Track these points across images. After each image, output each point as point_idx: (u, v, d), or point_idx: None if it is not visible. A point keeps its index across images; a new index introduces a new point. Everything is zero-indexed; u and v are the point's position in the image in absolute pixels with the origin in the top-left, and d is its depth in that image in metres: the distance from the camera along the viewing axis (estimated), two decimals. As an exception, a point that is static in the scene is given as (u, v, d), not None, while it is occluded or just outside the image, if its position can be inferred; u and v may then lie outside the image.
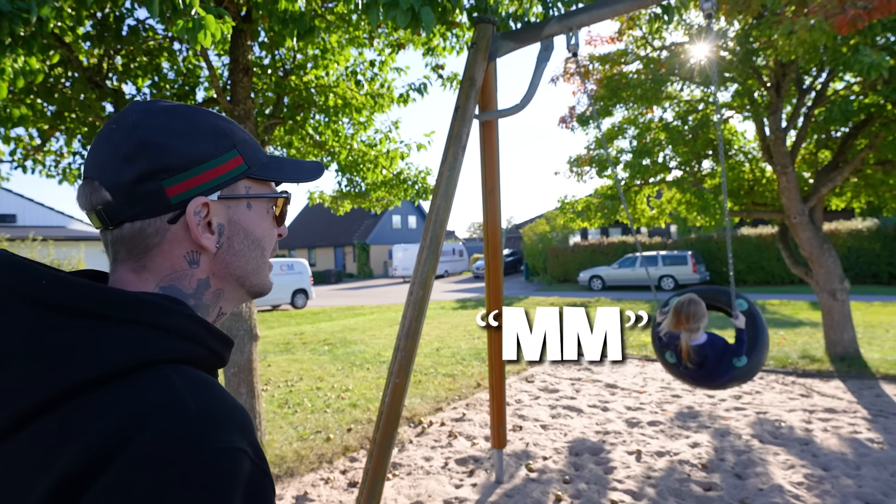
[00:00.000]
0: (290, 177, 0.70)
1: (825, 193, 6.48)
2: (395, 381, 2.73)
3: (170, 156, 0.59)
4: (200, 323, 0.58)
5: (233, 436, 0.49)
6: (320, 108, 4.58)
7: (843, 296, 6.39)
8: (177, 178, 0.59)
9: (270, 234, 0.69)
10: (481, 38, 3.28)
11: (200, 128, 0.62)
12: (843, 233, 16.39)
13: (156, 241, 0.60)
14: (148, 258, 0.60)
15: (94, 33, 3.68)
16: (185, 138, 0.60)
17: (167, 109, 0.61)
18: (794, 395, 5.44)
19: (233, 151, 0.63)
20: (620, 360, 3.06)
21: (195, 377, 0.53)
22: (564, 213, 8.05)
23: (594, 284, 19.21)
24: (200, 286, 0.63)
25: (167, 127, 0.60)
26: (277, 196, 0.69)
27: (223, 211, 0.63)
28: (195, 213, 0.60)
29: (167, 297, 0.57)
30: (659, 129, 7.23)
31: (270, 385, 6.58)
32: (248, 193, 0.65)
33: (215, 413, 0.50)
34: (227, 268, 0.64)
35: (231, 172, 0.63)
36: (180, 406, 0.48)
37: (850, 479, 3.45)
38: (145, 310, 0.54)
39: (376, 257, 36.50)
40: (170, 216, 0.60)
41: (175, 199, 0.59)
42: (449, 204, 3.05)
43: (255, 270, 0.67)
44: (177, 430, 0.47)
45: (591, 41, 7.28)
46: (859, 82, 5.98)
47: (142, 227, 0.59)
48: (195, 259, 0.62)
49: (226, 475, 0.46)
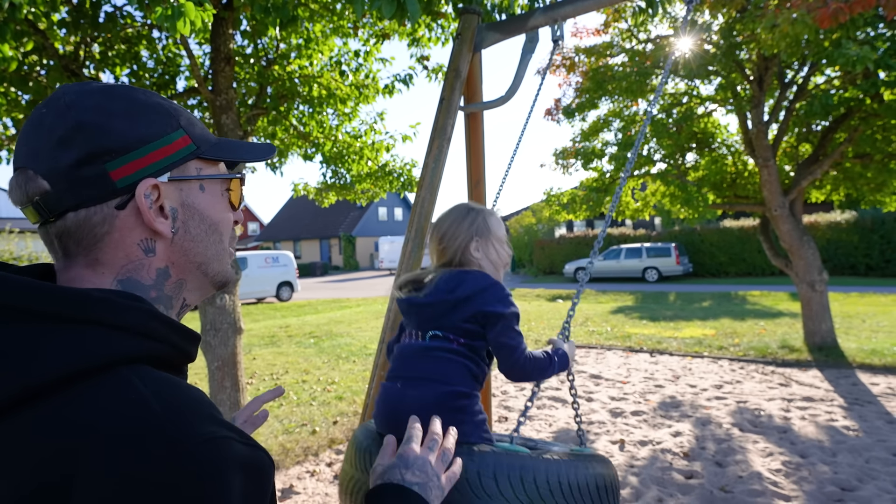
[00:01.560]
0: (241, 156, 0.66)
1: (805, 186, 6.58)
2: (380, 374, 2.73)
3: (111, 137, 0.55)
4: (160, 319, 0.54)
5: (208, 427, 0.46)
6: (304, 98, 4.51)
7: (822, 287, 6.52)
8: (121, 161, 0.55)
9: (226, 218, 0.65)
10: (466, 29, 3.26)
11: (142, 107, 0.58)
12: (822, 225, 16.71)
13: (105, 230, 0.55)
14: (99, 250, 0.56)
15: (70, 20, 3.57)
16: (127, 118, 0.56)
17: (103, 89, 0.58)
18: (774, 384, 5.54)
19: (179, 131, 0.60)
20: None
21: (157, 377, 0.50)
22: (550, 206, 8.08)
23: (580, 276, 19.34)
24: (160, 276, 0.59)
25: (104, 107, 0.56)
26: (231, 177, 0.66)
27: (175, 194, 0.59)
28: (145, 195, 0.56)
29: (121, 293, 0.54)
30: (643, 121, 7.26)
31: (256, 378, 6.54)
32: (200, 175, 0.62)
33: (183, 410, 0.47)
34: (186, 255, 0.61)
35: (180, 153, 0.59)
36: (142, 410, 0.45)
37: (827, 466, 3.52)
38: (98, 308, 0.50)
39: (362, 249, 36.28)
40: (117, 201, 0.55)
41: (121, 183, 0.55)
42: (434, 196, 3.04)
43: (216, 256, 0.64)
44: (143, 438, 0.43)
45: (577, 33, 7.27)
46: (840, 76, 6.07)
47: (87, 215, 0.55)
48: (150, 247, 0.58)
49: (214, 465, 0.44)
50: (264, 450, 0.51)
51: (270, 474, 0.51)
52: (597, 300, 14.00)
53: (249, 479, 0.47)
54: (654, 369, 6.41)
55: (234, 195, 0.66)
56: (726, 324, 9.09)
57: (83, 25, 3.61)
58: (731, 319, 9.54)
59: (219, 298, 4.05)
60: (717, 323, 9.23)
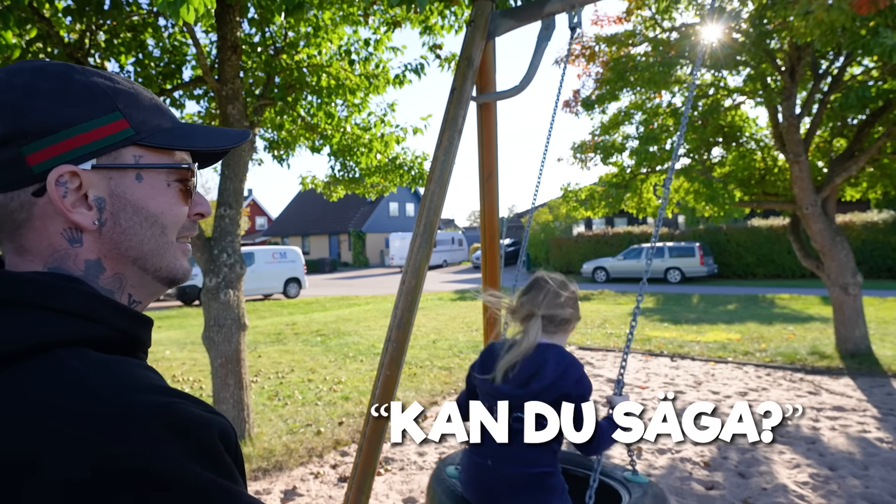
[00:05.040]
0: (196, 143, 0.60)
1: (839, 183, 6.27)
2: (385, 373, 2.61)
3: (29, 118, 0.52)
4: (101, 300, 0.52)
5: (153, 396, 0.45)
6: (312, 88, 4.41)
7: (856, 290, 6.21)
8: (38, 144, 0.52)
9: (171, 211, 0.60)
10: (479, 16, 3.11)
11: (74, 87, 0.54)
12: (857, 225, 16.06)
13: (23, 217, 0.53)
14: (21, 237, 0.54)
15: (75, 7, 3.52)
16: (51, 98, 0.53)
17: (37, 68, 0.54)
18: (802, 392, 5.29)
19: (114, 114, 0.55)
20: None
21: (98, 358, 0.48)
22: (567, 202, 7.87)
23: (598, 276, 18.98)
24: (91, 268, 0.56)
25: (30, 86, 0.53)
26: (175, 167, 0.60)
27: (102, 182, 0.55)
28: (59, 182, 0.52)
29: (57, 275, 0.52)
30: (667, 114, 7.01)
31: (260, 377, 6.48)
32: (139, 163, 0.57)
33: (124, 381, 0.46)
34: (118, 248, 0.57)
35: (109, 138, 0.55)
36: (82, 384, 0.44)
37: (857, 480, 3.36)
38: (29, 289, 0.49)
39: (372, 246, 35.96)
40: (34, 188, 0.53)
41: (38, 169, 0.52)
42: (444, 190, 2.92)
43: (155, 252, 0.59)
44: (83, 412, 0.42)
45: (598, 21, 7.03)
46: (878, 67, 5.75)
47: (4, 200, 0.53)
48: (76, 237, 0.55)
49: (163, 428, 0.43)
50: (222, 415, 0.49)
51: (229, 438, 0.48)
52: (616, 301, 13.71)
53: (202, 441, 0.45)
54: (675, 374, 6.18)
55: (185, 186, 0.61)
56: (752, 328, 8.77)
57: (88, 13, 3.56)
58: (758, 324, 9.20)
59: (223, 294, 3.97)
60: (743, 327, 8.91)
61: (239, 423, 4.08)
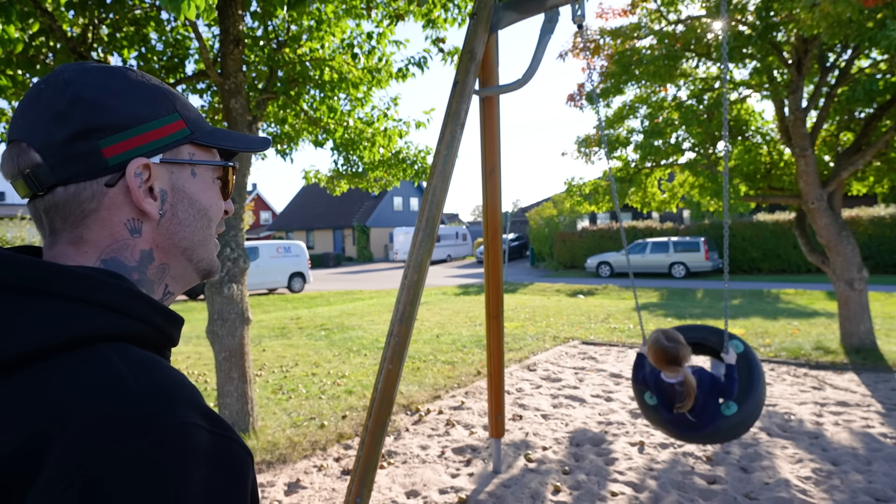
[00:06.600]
0: (236, 145, 0.66)
1: (846, 178, 6.20)
2: (388, 367, 2.62)
3: (107, 114, 0.55)
4: (141, 297, 0.54)
5: (181, 412, 0.46)
6: (315, 82, 4.39)
7: (861, 285, 6.16)
8: (115, 138, 0.55)
9: (217, 206, 0.66)
10: (482, 9, 3.09)
11: (140, 87, 0.59)
12: (864, 220, 15.90)
13: (93, 207, 0.56)
14: (85, 227, 0.56)
15: (77, 1, 3.51)
16: (124, 97, 0.57)
17: (102, 69, 0.58)
18: (806, 387, 5.26)
19: (175, 115, 0.60)
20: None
21: (137, 356, 0.49)
22: (571, 196, 7.82)
23: (602, 271, 18.92)
24: (144, 258, 0.59)
25: (103, 84, 0.56)
26: (224, 164, 0.66)
27: (166, 176, 0.60)
28: (136, 174, 0.56)
29: (104, 271, 0.54)
30: (672, 108, 6.94)
31: (265, 370, 6.50)
32: (193, 160, 0.62)
33: (159, 391, 0.46)
34: (172, 238, 0.61)
35: (173, 136, 0.60)
36: (119, 386, 0.45)
37: (860, 475, 3.34)
38: (78, 283, 0.50)
39: (377, 240, 35.90)
40: (107, 179, 0.56)
41: (113, 161, 0.56)
42: (446, 185, 2.92)
43: (202, 242, 0.64)
44: (116, 414, 0.43)
45: (603, 14, 6.95)
46: (886, 60, 5.67)
47: (76, 190, 0.55)
48: (137, 227, 0.58)
49: (178, 453, 0.43)
50: (241, 442, 0.49)
51: (245, 468, 0.49)
52: (620, 296, 13.67)
53: (217, 471, 0.45)
54: (678, 368, 6.16)
55: (226, 184, 0.67)
56: (757, 323, 8.72)
57: (90, 6, 3.55)
58: (763, 319, 9.16)
59: (226, 288, 3.99)
60: (748, 322, 8.87)
61: (243, 417, 4.11)
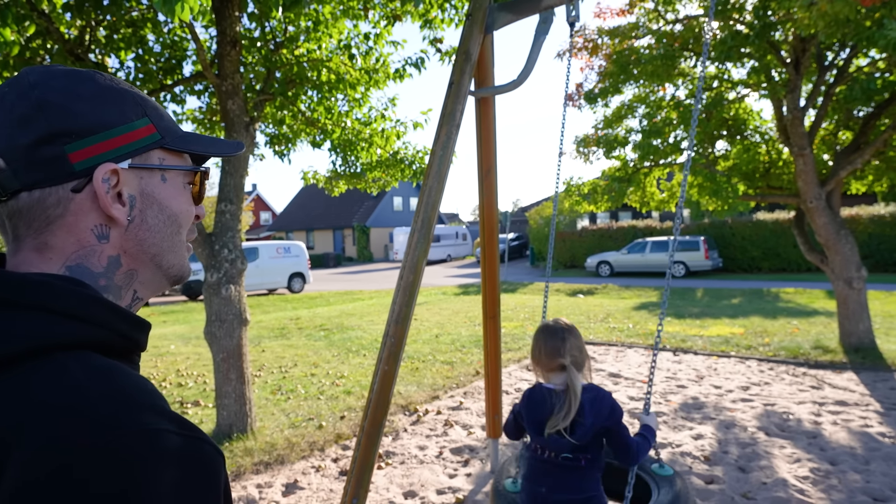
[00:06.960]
0: (207, 149, 0.65)
1: (844, 176, 6.19)
2: (384, 368, 2.62)
3: (73, 118, 0.54)
4: (103, 303, 0.53)
5: (146, 417, 0.45)
6: (313, 83, 4.39)
7: (860, 284, 6.15)
8: (81, 143, 0.54)
9: (187, 211, 0.64)
10: (477, 9, 3.09)
11: (108, 92, 0.57)
12: (863, 218, 15.88)
13: (58, 213, 0.54)
14: (50, 233, 0.55)
15: (74, 3, 3.51)
16: (92, 101, 0.55)
17: (69, 72, 0.57)
18: (805, 386, 5.26)
19: (144, 119, 0.59)
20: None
21: (98, 363, 0.48)
22: (570, 196, 7.82)
23: (602, 270, 18.91)
24: (111, 264, 0.58)
25: (70, 88, 0.55)
26: (194, 169, 0.65)
27: (135, 181, 0.58)
28: (103, 179, 0.55)
29: (64, 278, 0.52)
30: (671, 107, 6.94)
31: (264, 371, 6.50)
32: (163, 165, 0.61)
33: (120, 397, 0.45)
34: (141, 244, 0.59)
35: (143, 140, 0.59)
36: (76, 396, 0.44)
37: (858, 475, 3.34)
38: (36, 291, 0.49)
39: (377, 241, 35.84)
40: (74, 184, 0.54)
41: (79, 166, 0.54)
42: (442, 185, 2.92)
43: (171, 248, 0.63)
44: (75, 425, 0.42)
45: (601, 13, 6.95)
46: (884, 59, 5.66)
47: (41, 196, 0.54)
48: (104, 233, 0.57)
49: (145, 457, 0.42)
50: (211, 442, 0.48)
51: (217, 468, 0.48)
52: (619, 295, 13.67)
53: (187, 473, 0.44)
54: (678, 368, 6.16)
55: (197, 189, 0.66)
56: (756, 322, 8.72)
57: (87, 8, 3.55)
58: (762, 318, 9.15)
59: (224, 289, 3.99)
60: (747, 321, 8.86)
61: (241, 417, 4.11)
